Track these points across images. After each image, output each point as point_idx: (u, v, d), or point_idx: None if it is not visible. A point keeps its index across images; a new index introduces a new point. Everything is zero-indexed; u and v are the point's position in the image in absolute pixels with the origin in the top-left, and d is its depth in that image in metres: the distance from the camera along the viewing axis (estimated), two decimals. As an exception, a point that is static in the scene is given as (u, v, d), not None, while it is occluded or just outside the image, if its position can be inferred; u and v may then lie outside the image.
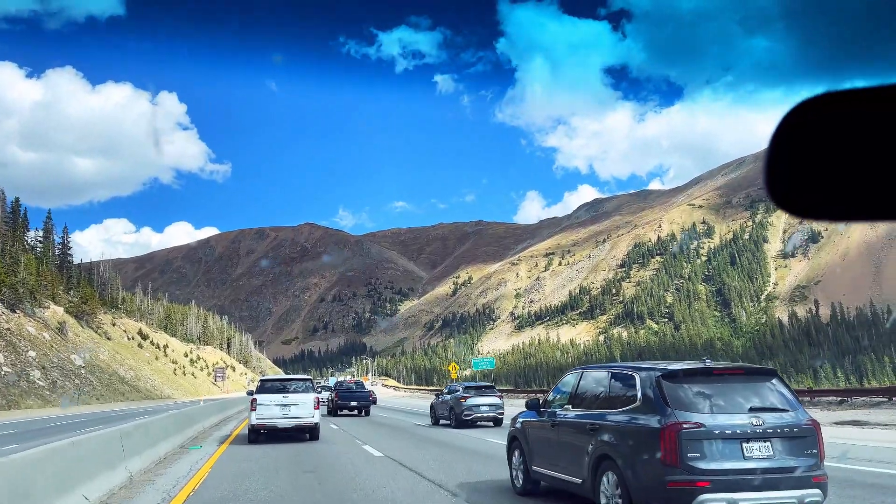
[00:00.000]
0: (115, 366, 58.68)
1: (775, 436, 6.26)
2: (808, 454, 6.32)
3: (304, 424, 17.76)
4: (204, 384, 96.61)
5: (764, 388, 6.71)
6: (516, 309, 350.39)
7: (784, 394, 6.68)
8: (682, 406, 6.36)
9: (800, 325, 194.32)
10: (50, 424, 29.55)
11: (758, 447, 6.21)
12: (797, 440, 6.34)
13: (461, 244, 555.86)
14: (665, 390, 6.50)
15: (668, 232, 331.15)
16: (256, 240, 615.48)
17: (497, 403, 23.54)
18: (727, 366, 7.46)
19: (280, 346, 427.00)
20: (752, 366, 7.91)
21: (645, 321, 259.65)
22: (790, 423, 6.37)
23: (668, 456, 6.13)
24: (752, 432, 6.21)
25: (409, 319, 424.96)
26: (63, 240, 78.22)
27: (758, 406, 6.44)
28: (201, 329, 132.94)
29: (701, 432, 6.15)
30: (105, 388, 49.67)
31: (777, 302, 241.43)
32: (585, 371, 8.39)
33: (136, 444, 11.32)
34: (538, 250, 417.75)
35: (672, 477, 6.10)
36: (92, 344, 57.64)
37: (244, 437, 19.06)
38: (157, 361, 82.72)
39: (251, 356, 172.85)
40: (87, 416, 37.84)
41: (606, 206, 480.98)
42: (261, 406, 17.51)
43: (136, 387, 58.50)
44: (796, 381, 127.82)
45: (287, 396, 17.78)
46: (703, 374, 6.78)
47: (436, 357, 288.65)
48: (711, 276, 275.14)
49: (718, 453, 6.16)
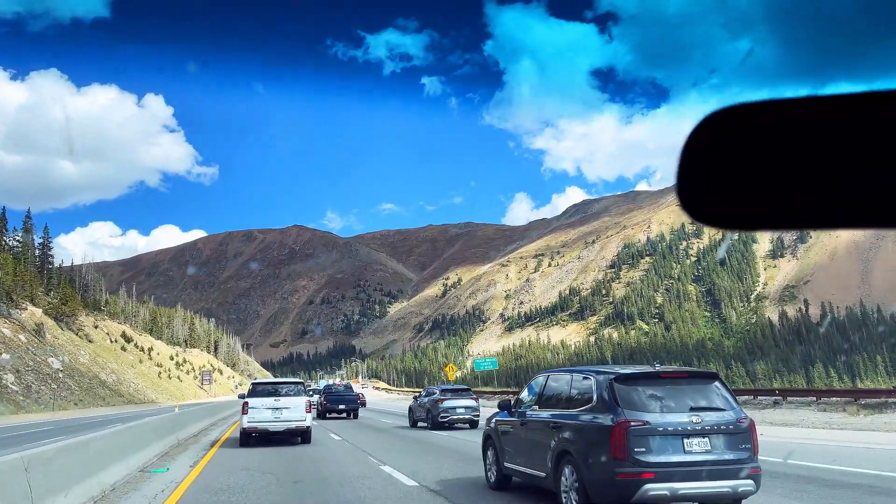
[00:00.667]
0: (97, 369, 56.34)
1: (713, 432, 6.99)
2: (742, 449, 7.07)
3: (295, 428, 17.75)
4: (190, 388, 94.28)
5: (706, 390, 7.49)
6: (506, 310, 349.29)
7: (724, 395, 7.43)
8: (632, 406, 7.07)
9: (790, 325, 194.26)
10: (3, 436, 25.91)
11: (697, 442, 6.93)
12: (733, 436, 7.06)
13: (450, 246, 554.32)
14: (617, 392, 7.22)
15: (658, 232, 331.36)
16: (244, 242, 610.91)
17: (472, 406, 23.94)
18: (673, 370, 8.08)
19: (268, 348, 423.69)
20: (695, 370, 8.74)
21: (635, 322, 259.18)
22: (727, 421, 7.09)
23: (618, 450, 6.83)
24: (693, 429, 6.94)
25: (399, 321, 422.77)
26: (44, 240, 75.87)
27: (698, 406, 7.18)
28: (188, 332, 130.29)
29: (646, 429, 6.87)
30: (84, 393, 47.41)
31: (767, 302, 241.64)
32: (551, 374, 9.13)
33: (58, 475, 7.80)
34: (527, 251, 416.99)
35: (621, 469, 6.79)
36: (72, 347, 55.43)
37: (232, 441, 18.70)
38: (141, 365, 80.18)
39: (239, 359, 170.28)
40: (59, 423, 35.53)
41: (595, 207, 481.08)
42: (252, 409, 17.58)
43: (117, 391, 56.17)
44: (788, 381, 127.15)
45: (279, 400, 17.85)
46: (652, 377, 7.57)
47: (426, 359, 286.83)
48: (701, 276, 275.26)
49: (662, 448, 6.88)
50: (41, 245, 74.74)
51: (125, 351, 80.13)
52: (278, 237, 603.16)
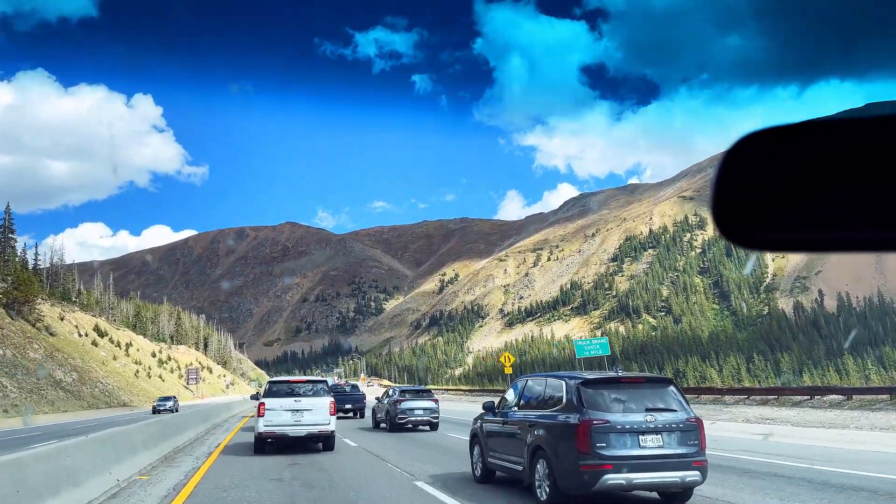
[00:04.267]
0: (51, 366, 46.99)
1: (665, 430, 7.90)
2: (691, 444, 7.96)
3: (318, 433, 15.84)
4: (173, 388, 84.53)
5: (661, 393, 8.40)
6: (505, 305, 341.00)
7: (677, 398, 8.38)
8: (595, 407, 7.99)
9: (806, 316, 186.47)
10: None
11: (650, 438, 7.84)
12: (682, 433, 7.96)
13: (446, 241, 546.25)
14: (583, 395, 8.15)
15: (660, 225, 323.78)
16: (236, 240, 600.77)
17: (432, 408, 23.60)
18: (633, 376, 9.11)
19: (262, 347, 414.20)
20: (653, 375, 9.72)
21: (641, 315, 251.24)
22: (677, 420, 8.02)
23: (582, 445, 7.72)
24: (647, 427, 7.85)
25: (395, 318, 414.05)
26: (4, 222, 66.53)
27: (653, 407, 8.08)
28: (174, 328, 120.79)
29: (607, 427, 7.77)
30: (27, 395, 38.24)
31: (778, 293, 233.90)
32: (530, 378, 10.11)
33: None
34: (525, 245, 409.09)
35: (584, 462, 7.69)
36: (19, 339, 45.77)
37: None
38: (114, 362, 70.25)
39: (230, 357, 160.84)
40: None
41: (593, 201, 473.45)
42: (269, 412, 15.55)
43: (76, 392, 46.69)
44: (819, 376, 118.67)
45: (299, 401, 15.95)
46: (614, 382, 8.49)
47: (425, 356, 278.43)
48: (707, 268, 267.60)
49: (620, 443, 7.77)
50: (1, 227, 65.41)
51: (96, 346, 70.32)
52: (271, 234, 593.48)
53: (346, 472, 12.68)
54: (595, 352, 48.23)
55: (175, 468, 13.33)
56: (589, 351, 48.78)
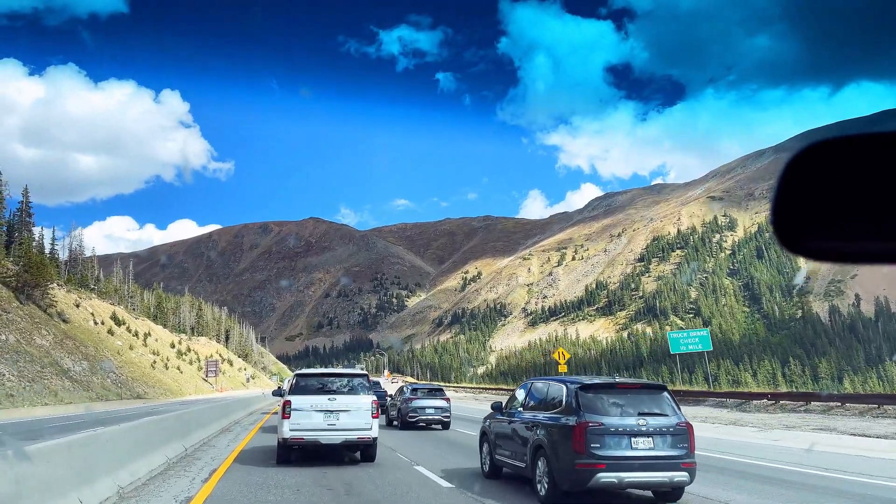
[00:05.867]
0: (60, 354, 44.50)
1: (656, 433, 8.35)
2: (680, 447, 8.42)
3: (356, 440, 12.50)
4: (192, 380, 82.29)
5: (654, 398, 8.88)
6: (528, 305, 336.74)
7: (670, 403, 8.83)
8: (591, 410, 8.47)
9: (843, 321, 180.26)
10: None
11: (642, 441, 8.30)
12: (673, 437, 8.41)
13: (469, 239, 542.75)
14: (580, 398, 8.63)
15: (689, 225, 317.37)
16: (260, 234, 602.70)
17: (443, 407, 23.04)
18: (629, 381, 9.52)
19: (284, 342, 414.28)
20: (647, 381, 10.17)
21: (669, 317, 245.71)
22: (668, 424, 8.46)
23: (578, 445, 8.21)
24: (639, 430, 8.31)
25: (417, 315, 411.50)
26: (22, 205, 64.60)
27: (646, 411, 8.54)
28: (195, 319, 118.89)
29: (601, 429, 8.25)
30: (28, 384, 35.66)
31: (811, 297, 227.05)
32: (534, 382, 10.51)
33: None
34: (549, 244, 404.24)
35: (580, 461, 8.19)
36: (27, 324, 43.11)
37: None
38: (130, 352, 67.97)
39: (252, 350, 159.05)
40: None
41: (619, 200, 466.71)
42: (297, 412, 12.34)
43: (85, 383, 44.05)
44: (859, 383, 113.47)
45: (335, 399, 12.62)
46: (610, 387, 9.00)
47: (446, 354, 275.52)
48: (737, 269, 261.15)
49: (613, 444, 8.23)
50: (19, 210, 63.54)
51: (112, 335, 68.01)
52: (294, 229, 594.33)
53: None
54: (694, 346, 38.83)
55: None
56: (686, 346, 39.17)
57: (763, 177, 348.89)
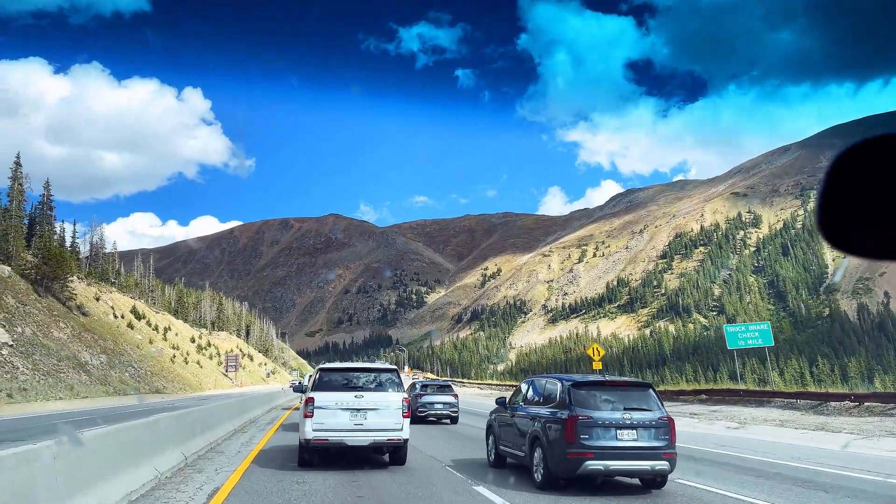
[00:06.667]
0: (78, 348, 43.97)
1: (639, 426, 9.19)
2: (662, 438, 9.24)
3: (386, 441, 11.53)
4: (211, 375, 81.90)
5: (639, 395, 9.76)
6: (549, 301, 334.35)
7: (653, 399, 9.71)
8: (582, 404, 9.36)
9: (872, 319, 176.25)
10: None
11: (626, 433, 9.14)
12: (654, 429, 9.24)
13: (488, 236, 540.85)
14: (572, 394, 9.54)
15: (712, 222, 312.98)
16: (280, 231, 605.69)
17: (451, 402, 23.83)
18: (617, 379, 10.44)
19: (304, 337, 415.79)
20: (634, 380, 10.83)
21: (692, 314, 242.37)
22: (650, 418, 9.31)
23: (569, 436, 9.08)
24: (623, 423, 9.17)
25: (436, 312, 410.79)
26: (44, 198, 64.36)
27: (631, 407, 9.40)
28: (216, 314, 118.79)
29: (590, 422, 9.13)
30: (42, 378, 34.96)
31: (839, 294, 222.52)
32: (534, 379, 11.39)
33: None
34: (570, 241, 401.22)
35: (570, 450, 9.05)
36: (44, 317, 42.39)
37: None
38: (150, 346, 67.81)
39: (272, 345, 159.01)
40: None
41: (640, 197, 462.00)
42: (320, 410, 11.38)
43: (102, 377, 43.29)
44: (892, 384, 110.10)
45: (361, 397, 11.59)
46: (600, 384, 9.94)
47: (466, 350, 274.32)
48: (762, 267, 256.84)
49: (600, 435, 9.09)
50: (40, 203, 63.37)
51: (132, 329, 67.71)
52: (314, 226, 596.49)
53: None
54: (753, 341, 34.27)
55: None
56: (745, 340, 34.66)
57: (788, 173, 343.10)
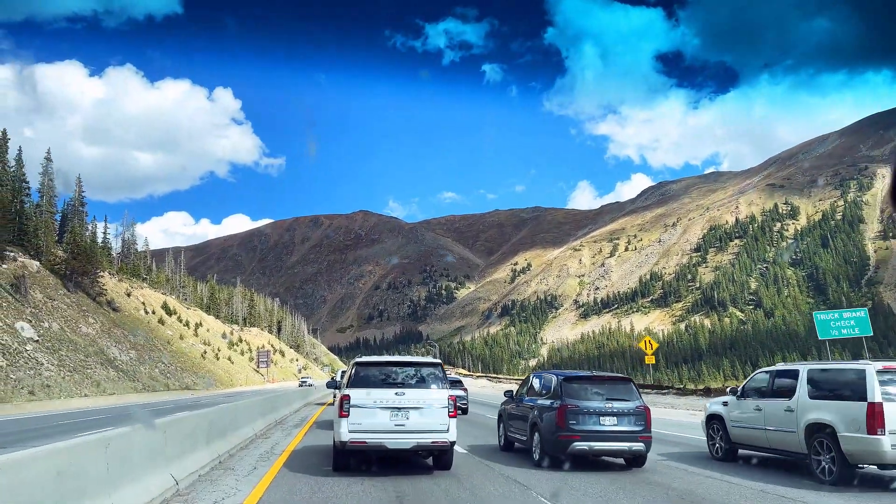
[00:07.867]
0: (106, 344, 43.43)
1: (619, 414, 10.84)
2: (638, 424, 10.86)
3: (430, 445, 10.23)
4: (243, 371, 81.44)
5: (622, 388, 11.41)
6: (580, 296, 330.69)
7: (632, 390, 11.34)
8: (571, 395, 11.01)
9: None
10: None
11: (608, 419, 10.79)
12: (632, 416, 10.86)
13: (518, 231, 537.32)
14: (563, 387, 11.21)
15: (747, 214, 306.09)
16: (311, 228, 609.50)
17: (462, 396, 26.04)
18: (602, 375, 12.07)
19: (335, 333, 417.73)
20: (616, 375, 12.35)
21: (728, 308, 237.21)
22: (629, 407, 10.93)
23: (560, 422, 10.74)
24: (606, 411, 10.82)
25: (466, 307, 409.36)
26: (76, 194, 64.35)
27: (613, 397, 11.05)
28: (247, 310, 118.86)
29: (577, 410, 10.76)
30: (68, 375, 34.13)
31: (882, 287, 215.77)
32: (535, 374, 13.16)
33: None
34: (601, 235, 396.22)
35: (561, 433, 10.70)
36: (73, 312, 41.90)
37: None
38: (181, 342, 67.39)
39: (304, 341, 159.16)
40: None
41: (673, 189, 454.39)
42: (357, 409, 10.14)
43: (131, 373, 42.76)
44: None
45: (403, 394, 10.27)
46: (587, 378, 11.63)
47: (497, 346, 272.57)
48: (800, 259, 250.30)
49: (586, 421, 10.73)
50: (72, 200, 63.38)
51: (163, 325, 67.48)
52: (344, 223, 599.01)
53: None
54: (849, 331, 31.28)
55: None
56: (839, 330, 31.60)
57: (827, 163, 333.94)
